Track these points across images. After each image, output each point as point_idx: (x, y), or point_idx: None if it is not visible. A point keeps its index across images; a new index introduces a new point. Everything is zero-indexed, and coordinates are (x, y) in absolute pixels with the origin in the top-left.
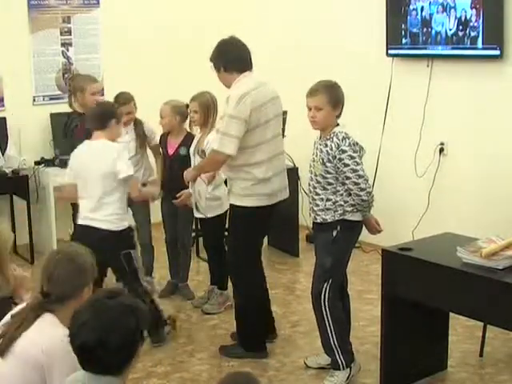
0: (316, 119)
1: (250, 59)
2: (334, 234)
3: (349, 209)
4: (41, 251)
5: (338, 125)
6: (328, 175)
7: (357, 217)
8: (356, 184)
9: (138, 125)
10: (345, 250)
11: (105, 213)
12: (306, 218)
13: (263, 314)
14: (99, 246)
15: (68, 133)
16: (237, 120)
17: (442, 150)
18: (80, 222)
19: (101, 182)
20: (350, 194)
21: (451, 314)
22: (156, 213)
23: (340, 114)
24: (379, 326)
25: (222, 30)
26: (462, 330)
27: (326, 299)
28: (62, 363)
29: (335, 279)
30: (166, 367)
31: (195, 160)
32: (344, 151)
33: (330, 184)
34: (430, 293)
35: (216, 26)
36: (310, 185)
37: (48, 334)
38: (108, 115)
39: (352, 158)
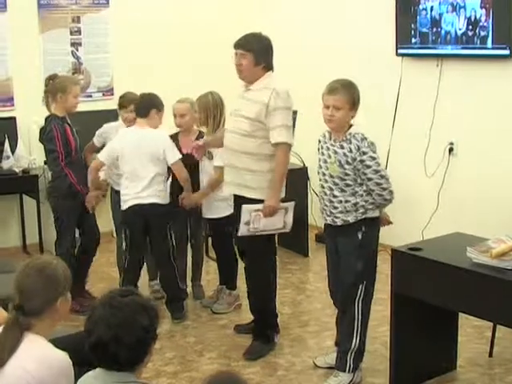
0: (334, 118)
1: None
2: (360, 236)
3: (370, 207)
4: (50, 250)
5: (351, 125)
6: (346, 177)
7: (377, 213)
8: (378, 184)
9: None
10: (373, 249)
11: (153, 189)
12: (315, 218)
13: (275, 299)
14: (149, 218)
15: (45, 137)
16: (290, 111)
17: (451, 150)
18: (129, 204)
19: (152, 166)
20: (369, 194)
21: (460, 314)
22: None
23: (354, 115)
24: (389, 325)
25: (232, 29)
26: (471, 330)
27: (361, 303)
28: (57, 381)
29: (369, 280)
30: (175, 366)
31: (203, 163)
32: (365, 153)
33: (348, 186)
34: (439, 293)
35: (227, 26)
36: (323, 186)
37: (36, 357)
38: (149, 105)
39: (373, 158)
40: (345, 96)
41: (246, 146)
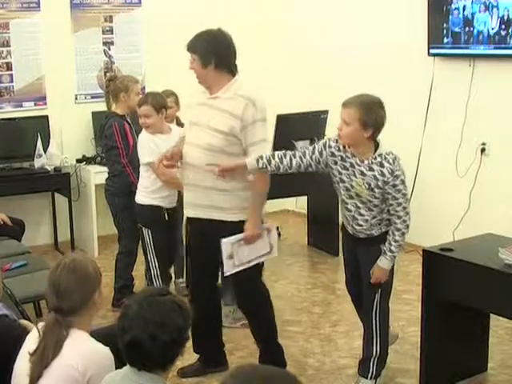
0: (341, 133)
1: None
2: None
3: None
4: (82, 248)
5: (378, 146)
6: (374, 199)
7: None
8: (405, 209)
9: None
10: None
11: (140, 186)
12: None
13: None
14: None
15: (104, 134)
16: (266, 123)
17: (483, 150)
18: None
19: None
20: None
21: (492, 316)
22: None
23: (373, 136)
24: (418, 326)
25: (265, 30)
26: (502, 332)
27: (377, 311)
28: (98, 377)
29: (384, 289)
30: None
31: None
32: (398, 176)
33: (375, 206)
34: (470, 294)
35: (259, 27)
36: (347, 202)
37: (80, 352)
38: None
39: (403, 182)
40: (357, 113)
41: (214, 163)
